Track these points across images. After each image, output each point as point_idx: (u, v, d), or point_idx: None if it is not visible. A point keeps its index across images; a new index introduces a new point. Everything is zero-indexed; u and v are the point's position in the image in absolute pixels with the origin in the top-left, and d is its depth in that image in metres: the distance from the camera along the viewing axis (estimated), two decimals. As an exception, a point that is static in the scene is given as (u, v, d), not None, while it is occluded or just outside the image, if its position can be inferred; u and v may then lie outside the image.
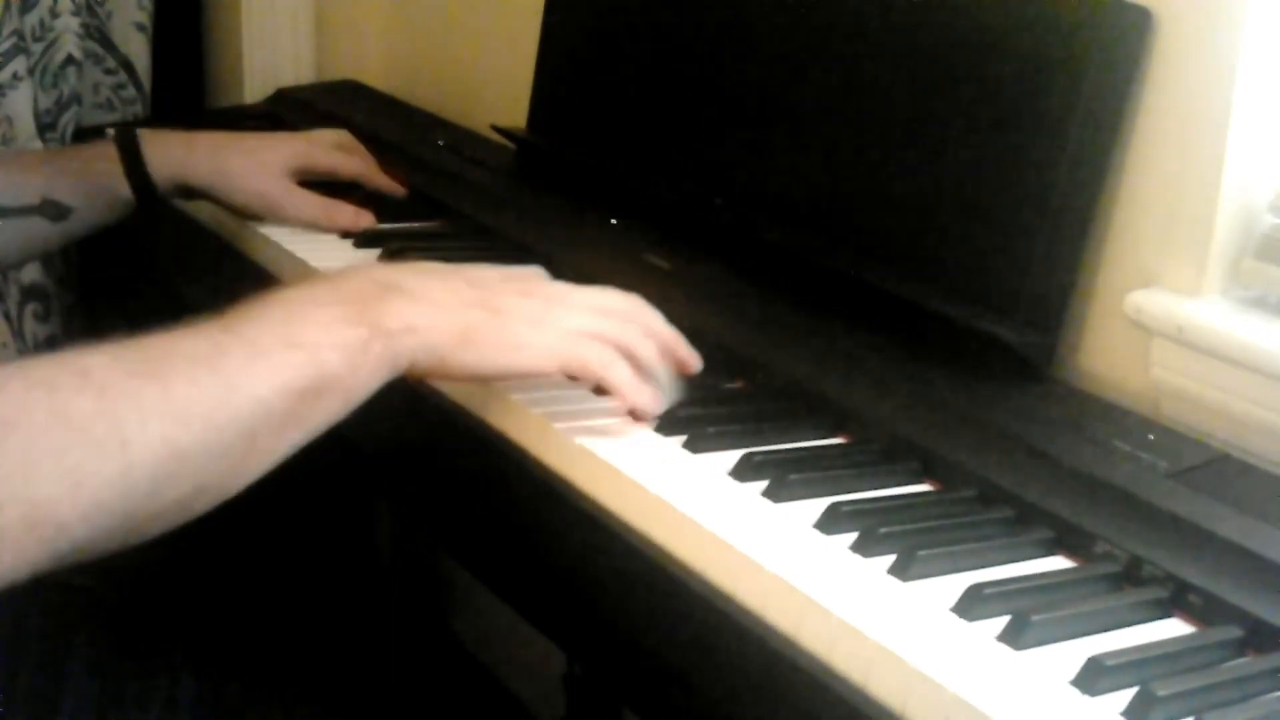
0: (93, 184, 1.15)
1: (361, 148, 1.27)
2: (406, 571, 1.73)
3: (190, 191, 1.18)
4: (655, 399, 0.80)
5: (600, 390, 0.82)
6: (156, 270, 1.38)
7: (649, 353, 0.81)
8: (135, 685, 0.90)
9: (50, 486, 0.61)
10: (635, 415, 0.81)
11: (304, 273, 1.08)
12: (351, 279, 0.77)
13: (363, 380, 0.74)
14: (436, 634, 1.70)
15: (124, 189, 1.15)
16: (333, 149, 1.24)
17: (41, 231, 1.13)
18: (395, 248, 1.11)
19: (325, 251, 1.12)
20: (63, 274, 1.55)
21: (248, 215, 1.18)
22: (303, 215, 1.17)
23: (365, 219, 1.17)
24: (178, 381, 0.66)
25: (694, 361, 0.85)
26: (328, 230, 1.17)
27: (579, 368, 0.78)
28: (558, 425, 0.81)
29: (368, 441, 0.95)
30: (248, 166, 1.17)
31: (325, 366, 0.71)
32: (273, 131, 1.30)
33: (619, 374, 0.79)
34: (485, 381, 0.82)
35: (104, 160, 1.15)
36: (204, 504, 0.69)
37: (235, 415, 0.68)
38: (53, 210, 1.13)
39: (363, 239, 1.15)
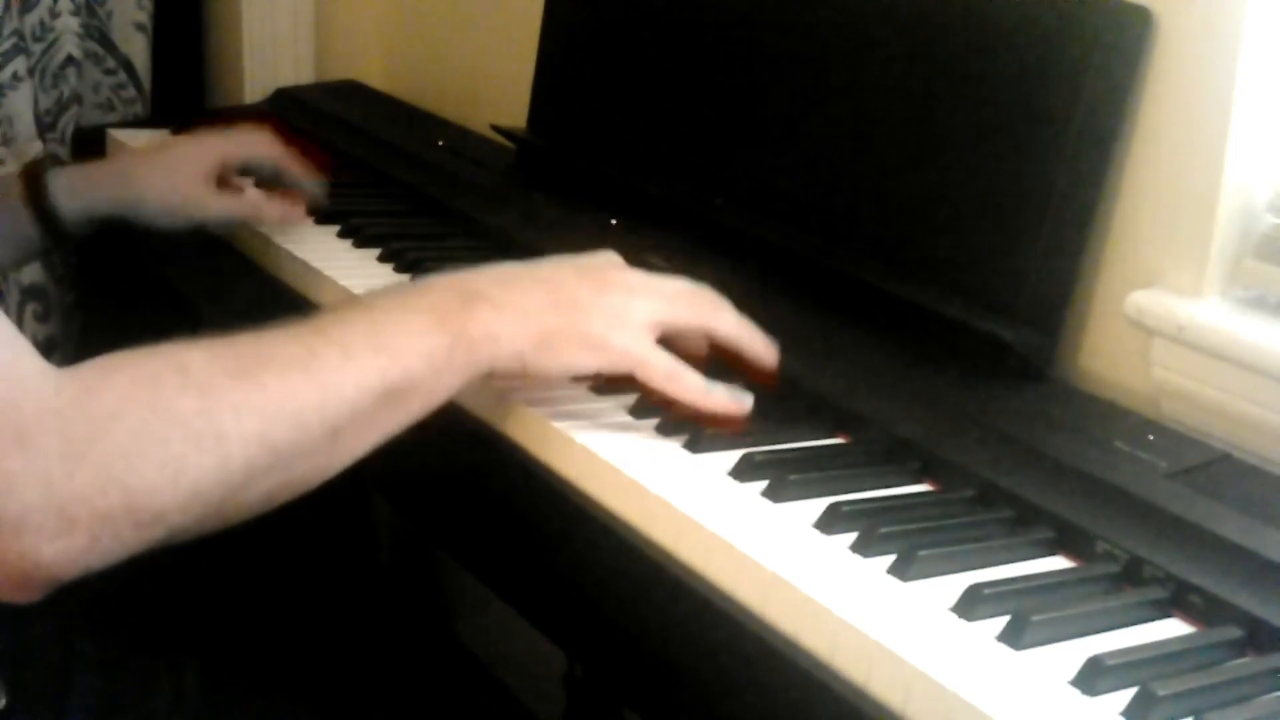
0: (2, 220, 1.12)
1: (277, 142, 1.21)
2: (406, 571, 1.73)
3: (104, 221, 1.15)
4: (729, 401, 0.80)
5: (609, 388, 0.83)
6: (156, 270, 1.38)
7: (728, 324, 0.83)
8: (140, 681, 0.90)
9: (153, 475, 0.64)
10: (722, 421, 0.81)
11: (304, 273, 1.09)
12: (437, 288, 0.80)
13: (445, 384, 0.77)
14: (436, 633, 1.70)
15: (30, 227, 1.12)
16: (244, 136, 1.20)
17: None
18: (395, 248, 1.11)
19: (327, 252, 1.12)
20: (62, 274, 1.55)
21: (172, 228, 1.14)
22: (227, 214, 1.15)
23: (296, 214, 1.16)
24: (272, 381, 0.69)
25: (765, 353, 0.85)
26: (257, 225, 1.15)
27: (644, 376, 0.80)
28: (558, 424, 0.81)
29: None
30: (159, 181, 1.14)
31: (410, 371, 0.74)
32: (182, 136, 1.26)
33: (687, 384, 0.79)
34: (564, 380, 0.83)
35: (8, 198, 1.12)
36: (289, 495, 0.72)
37: (324, 414, 0.71)
38: None
39: (362, 239, 1.15)
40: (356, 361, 0.73)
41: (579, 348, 0.79)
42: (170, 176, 1.14)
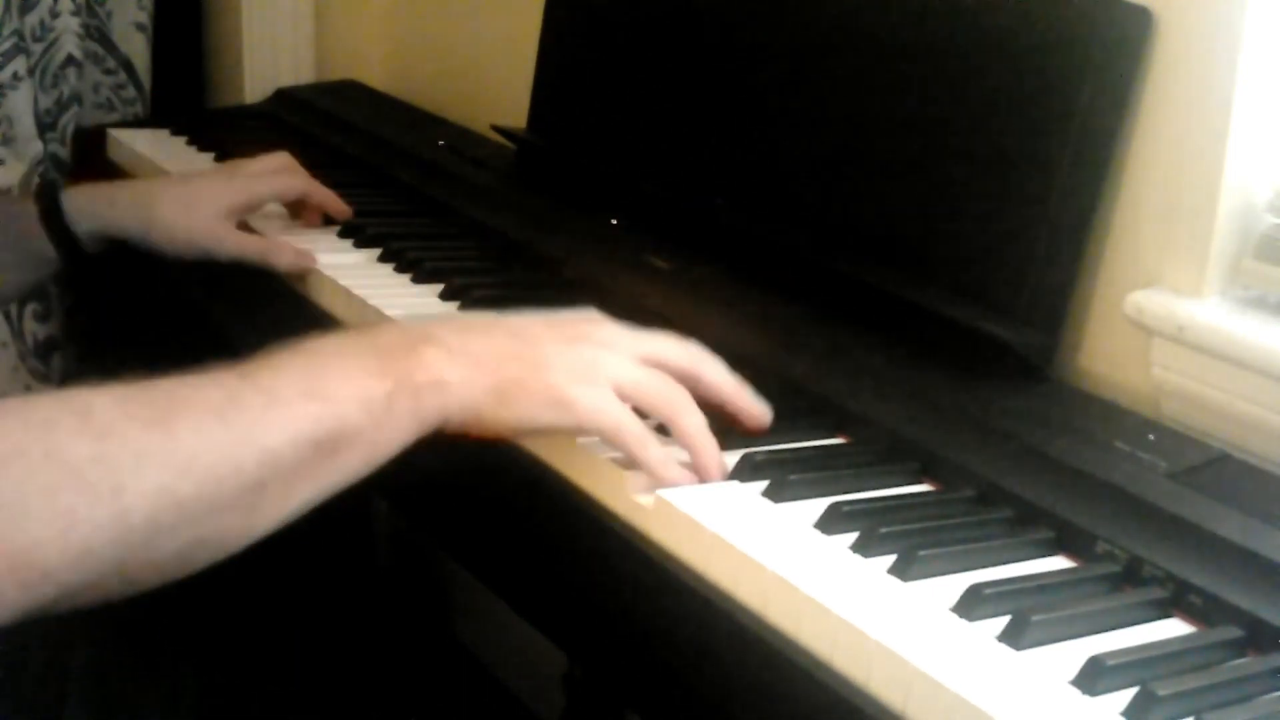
0: (15, 243, 1.11)
1: (301, 169, 1.19)
2: (406, 571, 1.73)
3: (118, 244, 1.13)
4: (684, 475, 0.75)
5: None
6: (157, 270, 1.38)
7: (693, 422, 0.76)
8: (137, 686, 0.90)
9: (39, 529, 0.59)
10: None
11: (304, 272, 1.08)
12: (386, 332, 0.75)
13: (387, 436, 0.71)
14: (436, 633, 1.70)
15: (46, 246, 1.11)
16: (270, 175, 1.17)
17: None
18: (395, 248, 1.11)
19: (327, 252, 1.12)
20: (62, 274, 1.54)
21: (179, 258, 1.12)
22: (238, 254, 1.11)
23: (306, 259, 1.09)
24: (182, 429, 0.64)
25: (757, 414, 0.81)
26: (267, 268, 1.11)
27: (615, 439, 0.75)
28: (558, 425, 0.81)
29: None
30: (177, 213, 1.11)
31: (345, 419, 0.68)
32: (209, 170, 1.23)
33: (652, 454, 0.74)
34: (528, 437, 0.79)
35: (25, 218, 1.11)
36: (206, 558, 0.66)
37: (241, 466, 0.65)
38: None
39: (363, 239, 1.15)
40: (284, 409, 0.66)
41: (540, 403, 0.74)
42: (188, 210, 1.11)
